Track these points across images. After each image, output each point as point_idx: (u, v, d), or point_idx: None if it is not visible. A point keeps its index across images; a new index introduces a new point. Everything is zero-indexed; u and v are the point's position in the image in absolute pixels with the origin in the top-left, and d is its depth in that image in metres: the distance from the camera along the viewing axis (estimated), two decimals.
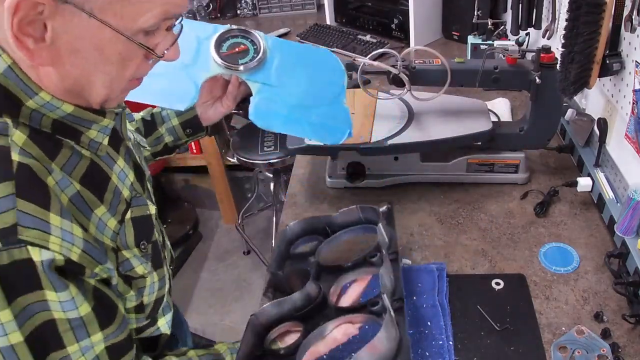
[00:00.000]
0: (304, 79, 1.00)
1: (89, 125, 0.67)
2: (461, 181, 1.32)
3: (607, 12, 0.99)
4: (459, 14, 1.99)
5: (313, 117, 0.98)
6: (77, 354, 0.60)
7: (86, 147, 0.68)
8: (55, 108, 0.63)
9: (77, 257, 0.59)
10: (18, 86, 0.60)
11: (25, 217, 0.55)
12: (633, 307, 0.95)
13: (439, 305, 0.99)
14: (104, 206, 0.68)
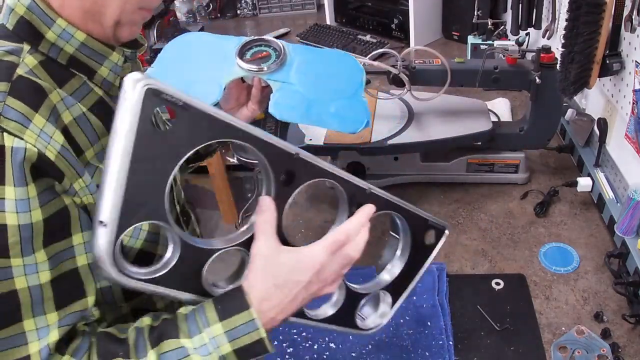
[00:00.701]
0: (322, 76, 1.06)
1: (100, 61, 0.72)
2: (461, 181, 1.32)
3: (607, 12, 0.99)
4: (459, 14, 1.99)
5: (332, 109, 1.04)
6: (19, 270, 0.59)
7: (99, 85, 0.73)
8: (70, 36, 0.69)
9: (53, 156, 0.61)
10: (40, 18, 0.67)
11: (10, 111, 0.59)
12: (633, 307, 0.95)
13: (439, 305, 0.99)
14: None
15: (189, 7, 2.64)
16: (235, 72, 1.03)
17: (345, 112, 1.05)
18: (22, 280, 0.60)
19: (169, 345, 0.62)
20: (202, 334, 0.63)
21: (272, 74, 1.03)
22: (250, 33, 2.46)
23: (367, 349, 0.93)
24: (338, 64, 1.10)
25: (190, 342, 0.63)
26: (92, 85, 0.72)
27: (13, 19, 0.67)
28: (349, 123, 1.04)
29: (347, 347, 0.93)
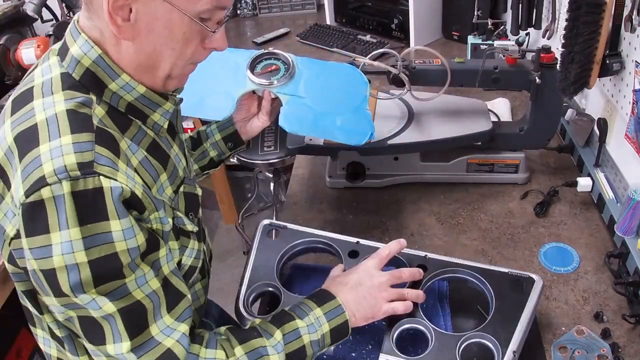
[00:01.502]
0: (329, 90, 1.13)
1: (154, 108, 0.80)
2: (461, 181, 1.32)
3: (607, 12, 0.99)
4: (459, 14, 1.99)
5: (338, 122, 1.10)
6: (133, 284, 0.70)
7: (150, 128, 0.81)
8: (131, 89, 0.76)
9: (140, 193, 0.70)
10: (105, 71, 0.74)
11: (101, 158, 0.67)
12: (633, 307, 0.95)
13: (439, 305, 0.99)
14: (166, 173, 0.80)
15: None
16: (247, 85, 1.10)
17: (351, 124, 1.10)
18: (139, 292, 0.71)
19: (288, 327, 0.82)
20: (309, 316, 0.84)
21: (281, 88, 1.10)
22: (250, 33, 2.46)
23: (368, 349, 0.93)
24: (344, 76, 1.15)
25: (302, 323, 0.83)
26: (145, 128, 0.80)
27: (80, 69, 0.73)
28: (354, 135, 1.09)
29: (347, 347, 0.93)
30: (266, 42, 2.28)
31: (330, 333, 0.84)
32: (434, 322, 0.92)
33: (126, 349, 0.70)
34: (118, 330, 0.70)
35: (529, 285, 0.92)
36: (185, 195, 0.86)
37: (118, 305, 0.69)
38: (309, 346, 0.82)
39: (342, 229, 1.22)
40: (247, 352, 0.78)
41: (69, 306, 0.69)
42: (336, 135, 1.10)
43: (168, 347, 0.73)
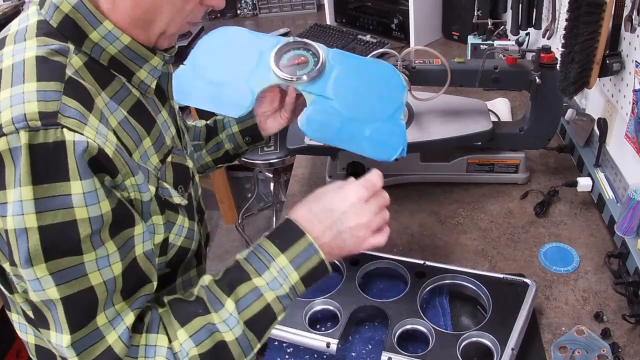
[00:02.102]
0: (361, 92, 0.98)
1: (140, 64, 0.73)
2: (461, 181, 1.32)
3: (607, 12, 0.99)
4: (459, 14, 1.98)
5: (367, 132, 0.96)
6: (92, 265, 0.62)
7: (136, 87, 0.74)
8: (114, 39, 0.69)
9: (111, 152, 0.62)
10: (85, 18, 0.67)
11: (67, 109, 0.60)
12: (633, 307, 0.95)
13: (439, 305, 0.99)
14: (150, 139, 0.73)
15: None
16: (270, 79, 0.97)
17: (381, 136, 0.96)
18: (97, 276, 0.62)
19: (243, 290, 0.69)
20: (269, 269, 0.70)
21: (307, 85, 0.96)
22: None
23: (368, 349, 0.93)
24: (379, 77, 1.00)
25: (262, 280, 0.70)
26: (130, 86, 0.73)
27: (57, 16, 0.67)
28: (383, 149, 0.95)
29: (347, 347, 0.93)
30: None
31: (301, 282, 0.72)
32: (434, 321, 0.92)
33: (66, 342, 0.62)
34: (59, 321, 0.62)
35: (523, 289, 0.95)
36: (173, 165, 0.78)
37: (64, 292, 0.60)
38: (275, 303, 0.70)
39: None
40: (191, 335, 0.67)
41: (18, 277, 0.63)
42: (363, 147, 0.96)
43: (109, 345, 0.64)
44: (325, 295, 0.97)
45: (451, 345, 0.86)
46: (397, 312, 0.93)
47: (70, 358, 0.63)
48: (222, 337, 0.68)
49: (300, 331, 0.92)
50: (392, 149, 0.95)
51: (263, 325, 0.71)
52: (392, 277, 1.03)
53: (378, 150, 0.96)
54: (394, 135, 0.96)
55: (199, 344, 0.67)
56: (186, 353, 0.66)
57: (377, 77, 0.99)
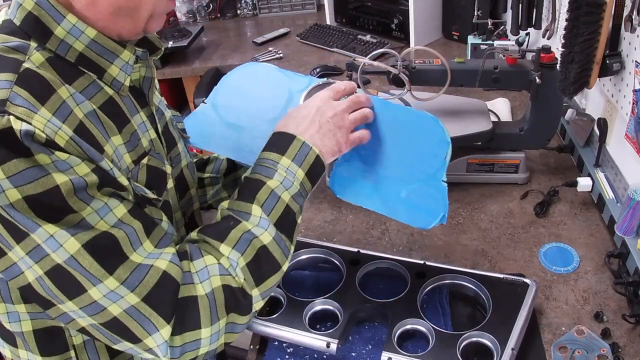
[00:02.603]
0: (399, 146, 0.87)
1: (111, 59, 0.70)
2: (461, 181, 1.32)
3: (607, 12, 0.99)
4: (459, 14, 1.99)
5: (403, 194, 0.85)
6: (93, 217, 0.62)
7: (109, 85, 0.71)
8: (80, 33, 0.66)
9: (62, 142, 0.60)
10: (49, 13, 0.65)
11: (17, 98, 0.59)
12: (633, 307, 0.95)
13: (439, 305, 0.99)
14: (122, 137, 0.71)
15: (188, 7, 2.64)
16: None
17: (419, 199, 0.85)
18: (103, 224, 0.63)
19: (263, 195, 0.72)
20: (278, 172, 0.74)
21: None
22: (250, 33, 2.45)
23: (368, 349, 0.93)
24: (420, 130, 0.87)
25: (275, 182, 0.73)
26: (101, 84, 0.70)
27: (21, 14, 0.65)
28: (420, 215, 0.84)
29: (347, 347, 0.93)
30: (266, 42, 2.28)
31: (306, 177, 0.77)
32: (434, 321, 0.92)
33: (114, 284, 0.61)
34: (90, 272, 0.61)
35: (523, 289, 0.95)
36: (148, 168, 0.75)
37: (82, 238, 0.60)
38: (292, 203, 0.74)
39: (342, 228, 1.22)
40: (234, 247, 0.69)
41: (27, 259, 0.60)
42: (398, 210, 0.85)
43: (163, 270, 0.65)
44: (325, 295, 0.97)
45: (451, 345, 0.86)
46: (397, 312, 0.93)
47: (126, 297, 0.62)
48: (260, 242, 0.71)
49: (300, 331, 0.92)
50: (431, 215, 0.83)
51: (288, 226, 0.75)
52: (392, 277, 1.03)
53: (414, 216, 0.85)
54: (433, 198, 0.84)
55: (243, 253, 0.70)
56: (236, 263, 0.69)
57: (417, 129, 0.87)
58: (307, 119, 0.80)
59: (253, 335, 0.98)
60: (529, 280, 0.96)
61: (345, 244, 1.08)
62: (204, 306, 0.67)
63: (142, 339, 0.64)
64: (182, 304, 0.66)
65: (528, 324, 0.90)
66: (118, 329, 0.64)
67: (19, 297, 0.71)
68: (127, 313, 0.63)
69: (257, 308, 0.72)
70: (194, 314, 0.66)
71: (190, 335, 0.66)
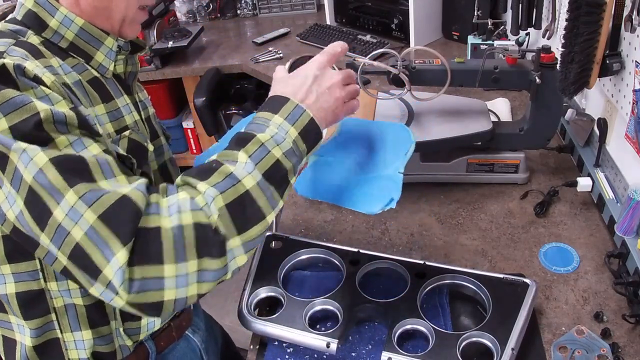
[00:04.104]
0: (366, 150, 0.95)
1: (97, 46, 0.80)
2: (461, 181, 1.32)
3: (607, 12, 0.99)
4: (459, 14, 1.99)
5: (359, 184, 0.91)
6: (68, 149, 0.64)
7: (95, 69, 0.80)
8: (70, 22, 0.77)
9: (49, 81, 0.67)
10: (44, 8, 0.76)
11: (14, 51, 0.69)
12: (633, 307, 0.95)
13: (439, 305, 0.99)
14: (105, 107, 0.79)
15: (188, 7, 2.64)
16: None
17: (372, 188, 0.90)
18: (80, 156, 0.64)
19: (252, 147, 0.70)
20: (269, 127, 0.72)
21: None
22: (250, 33, 2.46)
23: (368, 349, 0.93)
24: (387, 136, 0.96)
25: (265, 135, 0.71)
26: (88, 67, 0.80)
27: (23, 11, 0.76)
28: (370, 201, 0.88)
29: (347, 347, 0.93)
30: (266, 42, 2.28)
31: (300, 137, 0.74)
32: (434, 322, 0.92)
33: (73, 198, 0.60)
34: (54, 186, 0.61)
35: (523, 289, 0.95)
36: (130, 140, 0.81)
37: (51, 153, 0.61)
38: (284, 159, 0.71)
39: (342, 228, 1.22)
40: (214, 185, 0.65)
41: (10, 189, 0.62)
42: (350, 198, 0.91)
43: (124, 193, 0.62)
44: (325, 295, 0.97)
45: (451, 345, 0.86)
46: (397, 312, 0.93)
47: (85, 214, 0.60)
48: (243, 186, 0.66)
49: (300, 331, 0.92)
50: (381, 200, 0.86)
51: (278, 178, 0.70)
52: (392, 277, 1.03)
53: (364, 202, 0.88)
54: (386, 187, 0.88)
55: (223, 193, 0.65)
56: (212, 199, 0.64)
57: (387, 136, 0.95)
58: (304, 87, 0.78)
59: (253, 335, 0.98)
60: (529, 280, 0.96)
61: (345, 244, 1.08)
62: (168, 240, 0.61)
63: (101, 269, 0.60)
64: (143, 234, 0.60)
65: (528, 324, 0.90)
66: (83, 260, 0.61)
67: (3, 256, 0.74)
68: (87, 236, 0.60)
69: (239, 263, 0.66)
70: (156, 246, 0.60)
71: (152, 270, 0.60)
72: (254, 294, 0.99)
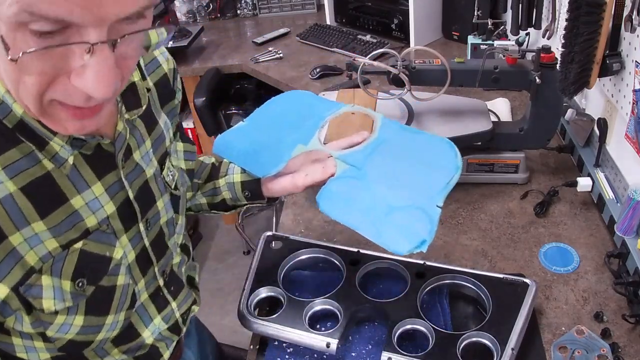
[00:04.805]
0: (400, 168, 0.83)
1: (50, 136, 0.61)
2: (461, 181, 1.31)
3: (607, 12, 0.99)
4: (459, 14, 1.99)
5: (390, 214, 0.79)
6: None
7: (49, 159, 0.61)
8: (8, 108, 0.58)
9: None
10: None
11: None
12: (633, 307, 0.95)
13: (439, 305, 0.99)
14: (44, 223, 0.61)
15: (188, 7, 2.64)
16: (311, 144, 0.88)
17: (405, 221, 0.78)
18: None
19: None
20: None
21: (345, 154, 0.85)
22: (250, 33, 2.46)
23: (368, 349, 0.93)
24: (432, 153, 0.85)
25: None
26: (40, 156, 0.61)
27: None
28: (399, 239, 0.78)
29: (347, 347, 0.93)
30: (266, 42, 2.28)
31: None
32: (434, 321, 0.92)
33: None
34: None
35: (523, 289, 0.95)
36: (81, 254, 0.65)
37: None
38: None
39: (342, 228, 1.22)
40: None
41: None
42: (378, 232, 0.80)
43: None
44: (325, 295, 0.97)
45: (451, 345, 0.86)
46: (397, 312, 0.93)
47: None
48: None
49: (300, 331, 0.92)
50: (411, 239, 0.76)
51: None
52: (392, 277, 1.03)
53: (393, 239, 0.78)
54: (420, 222, 0.77)
55: None
56: None
57: (429, 152, 0.85)
58: None
59: (253, 335, 0.98)
60: (529, 280, 0.96)
61: (345, 244, 1.08)
62: None
63: None
64: None
65: (528, 324, 0.90)
66: None
67: None
68: None
69: None
70: None
71: None
72: (254, 294, 0.99)
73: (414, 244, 0.75)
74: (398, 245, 0.77)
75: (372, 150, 0.84)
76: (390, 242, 0.77)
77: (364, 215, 0.80)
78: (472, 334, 0.88)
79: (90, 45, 0.48)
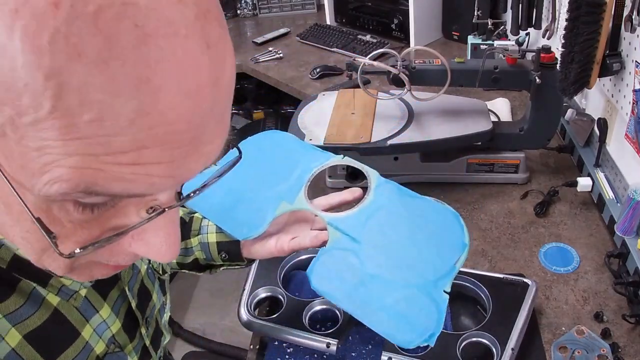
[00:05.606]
0: (400, 242, 0.74)
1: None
2: (461, 181, 1.32)
3: (607, 12, 0.99)
4: (459, 14, 1.99)
5: (390, 299, 0.70)
6: None
7: (55, 293, 0.51)
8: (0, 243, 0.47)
9: None
10: None
11: None
12: (633, 307, 0.95)
13: None
14: None
15: None
16: (297, 204, 0.78)
17: (408, 308, 0.69)
18: None
19: None
20: None
21: (336, 218, 0.76)
22: (250, 33, 2.45)
23: (368, 349, 0.93)
24: (436, 227, 0.75)
25: None
26: (43, 292, 0.50)
27: None
28: (403, 329, 0.69)
29: (347, 347, 0.93)
30: (266, 42, 2.28)
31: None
32: None
33: None
34: None
35: (523, 289, 0.95)
36: None
37: None
38: None
39: None
40: None
41: None
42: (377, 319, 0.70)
43: None
44: None
45: (451, 345, 0.86)
46: None
47: None
48: None
49: (300, 331, 0.92)
50: (417, 331, 0.68)
51: None
52: None
53: (396, 329, 0.69)
54: (426, 310, 0.69)
55: None
56: None
57: (433, 226, 0.75)
58: None
59: (253, 335, 0.98)
60: (529, 280, 0.96)
61: None
62: None
63: None
64: None
65: (528, 324, 0.90)
66: None
67: None
68: None
69: None
70: None
71: None
72: (254, 294, 0.99)
73: (421, 336, 0.67)
74: (404, 337, 0.69)
75: (368, 217, 0.75)
76: (395, 333, 0.69)
77: (360, 296, 0.71)
78: (472, 334, 0.88)
79: (162, 209, 0.37)
